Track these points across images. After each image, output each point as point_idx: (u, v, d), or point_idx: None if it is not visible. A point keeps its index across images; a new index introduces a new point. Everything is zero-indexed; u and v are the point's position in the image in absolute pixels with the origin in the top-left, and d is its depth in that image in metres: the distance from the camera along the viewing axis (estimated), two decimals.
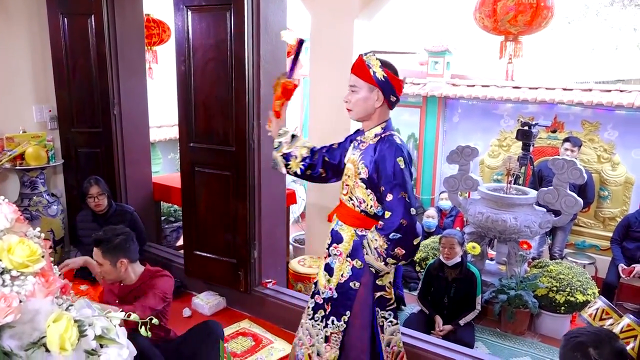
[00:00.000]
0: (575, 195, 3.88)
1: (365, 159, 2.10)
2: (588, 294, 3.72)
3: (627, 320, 2.22)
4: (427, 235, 4.99)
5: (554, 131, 5.45)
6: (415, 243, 2.03)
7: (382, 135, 2.10)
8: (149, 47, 5.12)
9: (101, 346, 1.23)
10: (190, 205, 3.66)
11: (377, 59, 2.05)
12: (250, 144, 3.33)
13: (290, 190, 4.65)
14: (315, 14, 4.06)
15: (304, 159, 2.34)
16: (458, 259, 3.66)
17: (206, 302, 3.67)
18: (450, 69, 6.14)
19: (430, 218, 5.09)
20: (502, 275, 4.09)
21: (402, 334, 3.03)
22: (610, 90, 5.18)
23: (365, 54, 2.09)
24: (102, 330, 1.23)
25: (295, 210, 5.99)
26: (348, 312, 2.15)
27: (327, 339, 2.20)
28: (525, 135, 4.60)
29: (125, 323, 1.30)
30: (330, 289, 2.21)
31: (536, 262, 4.25)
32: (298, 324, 3.39)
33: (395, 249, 2.01)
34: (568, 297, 3.71)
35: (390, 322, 2.21)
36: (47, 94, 4.26)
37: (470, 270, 3.69)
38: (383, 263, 2.06)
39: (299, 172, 2.37)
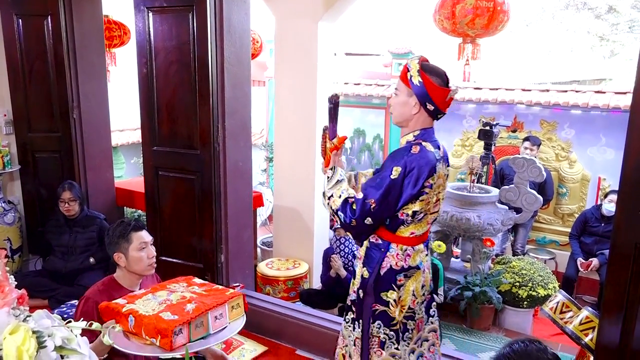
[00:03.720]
0: (535, 193, 4.00)
1: None
2: (549, 288, 3.84)
3: (585, 312, 2.31)
4: None
5: (514, 131, 5.60)
6: (350, 232, 2.05)
7: (412, 143, 1.99)
8: (107, 49, 5.00)
9: (62, 357, 1.19)
10: (155, 210, 3.59)
11: (419, 62, 1.93)
12: (215, 147, 3.29)
13: (257, 192, 4.62)
14: (279, 16, 4.06)
15: None
16: None
17: None
18: None
19: None
20: (467, 273, 4.17)
21: None
22: (566, 91, 5.36)
23: (413, 57, 1.99)
24: (63, 341, 1.19)
25: (262, 213, 5.95)
26: (361, 320, 2.08)
27: (354, 342, 2.11)
28: (486, 135, 4.72)
29: None
30: (354, 291, 2.13)
31: (499, 258, 4.36)
32: (267, 327, 3.40)
33: (334, 216, 2.02)
34: (530, 292, 3.82)
35: (392, 342, 2.04)
36: (2, 98, 4.10)
37: (432, 263, 3.77)
38: (327, 200, 2.03)
39: None
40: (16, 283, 1.28)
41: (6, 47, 3.98)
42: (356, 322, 2.09)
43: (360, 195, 1.94)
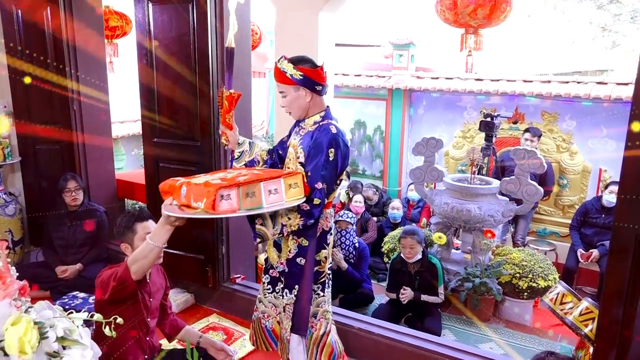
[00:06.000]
0: (536, 184, 3.99)
1: (304, 143, 2.25)
2: (549, 280, 3.84)
3: (585, 303, 2.32)
4: (393, 226, 5.05)
5: (515, 122, 5.58)
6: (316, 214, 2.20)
7: (321, 123, 2.24)
8: (109, 40, 4.98)
9: (64, 348, 1.20)
10: (155, 202, 3.59)
11: (288, 61, 2.19)
12: (216, 139, 3.29)
13: None
14: (280, 7, 4.03)
15: (265, 162, 2.46)
16: (419, 256, 3.72)
17: (174, 300, 3.61)
18: (414, 62, 6.21)
19: (396, 210, 5.14)
20: (467, 264, 4.18)
21: (371, 324, 3.09)
22: (568, 82, 5.34)
23: (278, 60, 2.22)
24: (64, 332, 1.20)
25: None
26: (297, 286, 2.31)
27: (284, 309, 2.35)
28: (487, 127, 4.71)
29: None
30: (282, 263, 2.34)
31: (500, 249, 4.36)
32: None
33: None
34: (530, 283, 3.83)
35: (317, 294, 2.35)
36: (2, 89, 4.09)
37: (431, 262, 3.76)
38: (278, 234, 2.14)
39: None
40: (18, 274, 1.28)
41: (6, 37, 3.96)
42: (285, 290, 2.33)
43: (319, 186, 2.14)
